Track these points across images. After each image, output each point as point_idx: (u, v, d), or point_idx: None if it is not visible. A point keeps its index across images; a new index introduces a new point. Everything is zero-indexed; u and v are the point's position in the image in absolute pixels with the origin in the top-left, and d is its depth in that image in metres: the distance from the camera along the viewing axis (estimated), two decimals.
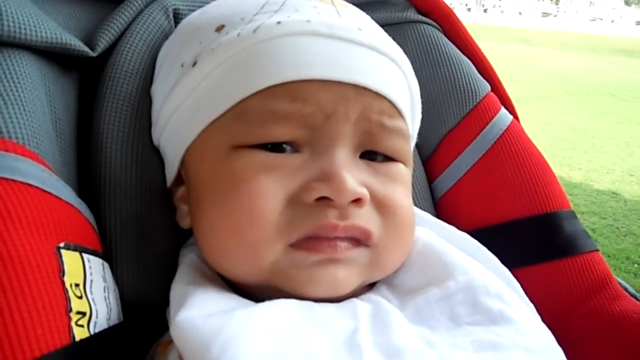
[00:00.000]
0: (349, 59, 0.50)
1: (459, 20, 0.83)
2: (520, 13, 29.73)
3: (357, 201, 0.48)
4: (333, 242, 0.48)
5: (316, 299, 0.48)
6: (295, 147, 0.50)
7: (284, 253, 0.48)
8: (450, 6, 0.84)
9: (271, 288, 0.47)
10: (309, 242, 0.48)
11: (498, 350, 0.46)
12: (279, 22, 0.49)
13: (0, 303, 0.37)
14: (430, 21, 0.82)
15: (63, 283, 0.41)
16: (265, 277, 0.48)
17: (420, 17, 0.82)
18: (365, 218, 0.50)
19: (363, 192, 0.48)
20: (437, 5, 0.83)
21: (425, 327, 0.48)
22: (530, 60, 16.20)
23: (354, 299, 0.50)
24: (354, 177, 0.48)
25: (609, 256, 3.35)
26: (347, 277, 0.49)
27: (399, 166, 0.54)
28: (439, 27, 0.83)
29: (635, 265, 3.09)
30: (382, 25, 0.75)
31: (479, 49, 0.82)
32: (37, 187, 0.44)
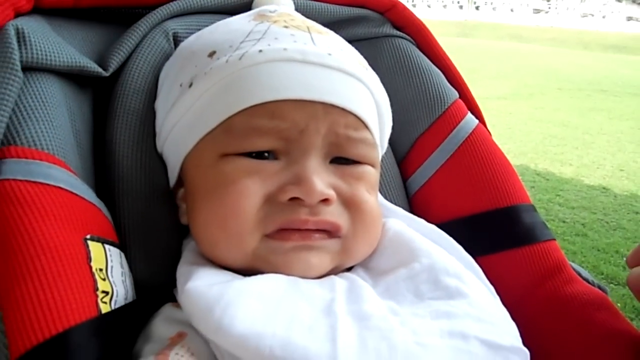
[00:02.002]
0: (320, 81, 0.58)
1: (430, 33, 0.90)
2: (512, 10, 29.76)
3: (325, 201, 0.57)
4: (305, 232, 0.57)
5: None
6: (274, 155, 0.58)
7: (261, 242, 0.56)
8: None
9: (255, 271, 0.56)
10: (282, 232, 0.56)
11: (451, 318, 0.54)
12: (260, 50, 0.58)
13: (42, 283, 0.46)
14: (404, 35, 0.89)
15: (90, 268, 0.50)
16: (249, 262, 0.57)
17: (395, 32, 0.89)
18: (335, 214, 0.58)
19: (330, 193, 0.57)
20: (411, 21, 0.89)
21: (392, 301, 0.57)
22: (522, 57, 16.13)
23: (333, 276, 0.59)
24: (323, 181, 0.57)
25: (598, 250, 3.39)
26: (319, 262, 0.58)
27: (366, 167, 0.63)
28: (412, 40, 0.89)
29: (624, 259, 3.13)
30: (360, 40, 0.84)
31: (449, 60, 0.89)
32: (66, 190, 0.53)
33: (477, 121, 0.84)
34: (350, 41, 0.78)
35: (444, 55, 0.89)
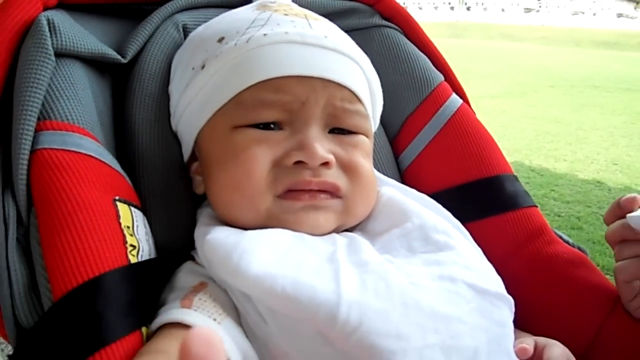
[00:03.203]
0: (317, 60, 0.65)
1: (416, 23, 0.97)
2: (503, 10, 29.88)
3: (326, 164, 0.64)
4: (312, 193, 0.64)
5: None
6: (279, 125, 0.65)
7: (273, 202, 0.63)
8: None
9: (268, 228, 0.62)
10: (292, 193, 0.63)
11: (440, 265, 0.61)
12: (265, 34, 0.65)
13: (79, 234, 0.54)
14: (392, 25, 0.96)
15: (120, 224, 0.58)
16: (262, 221, 0.63)
17: (384, 22, 0.96)
18: (334, 176, 0.65)
19: (329, 157, 0.64)
20: (398, 12, 0.96)
21: (388, 255, 0.63)
22: (514, 55, 16.15)
23: (334, 234, 0.66)
24: (323, 147, 0.64)
25: (594, 242, 3.41)
26: (326, 220, 0.65)
27: (360, 137, 0.70)
28: (400, 29, 0.96)
29: None
30: (352, 30, 0.91)
31: (434, 47, 0.96)
32: (96, 158, 0.61)
33: (461, 101, 0.91)
34: (343, 31, 0.86)
35: (429, 42, 0.96)
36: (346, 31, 0.86)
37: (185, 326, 0.53)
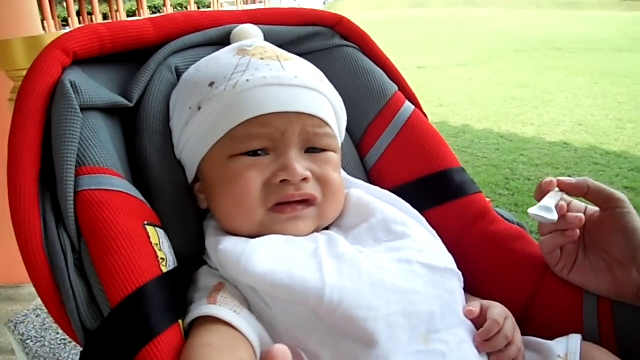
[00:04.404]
0: (290, 97, 0.79)
1: (372, 40, 1.10)
2: None
3: (305, 180, 0.79)
4: (294, 206, 0.79)
5: None
6: (266, 151, 0.79)
7: (265, 214, 0.78)
8: None
9: (260, 235, 0.77)
10: (279, 207, 0.78)
11: (399, 251, 0.77)
12: (247, 80, 0.78)
13: (124, 256, 0.68)
14: (350, 44, 1.08)
15: (151, 243, 0.72)
16: (257, 230, 0.78)
17: (343, 42, 1.08)
18: (311, 188, 0.80)
19: (307, 173, 0.79)
20: (355, 32, 1.09)
21: (359, 245, 0.79)
22: (478, 22, 15.95)
23: (316, 234, 0.81)
24: (301, 166, 0.78)
25: None
26: (305, 226, 0.80)
27: (330, 154, 0.84)
28: (358, 47, 1.09)
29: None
30: (316, 51, 1.04)
31: (388, 59, 1.10)
32: (125, 192, 0.75)
33: (413, 107, 1.05)
34: (308, 53, 1.00)
35: (383, 56, 1.10)
36: (311, 52, 1.02)
37: (214, 319, 0.67)
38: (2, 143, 0.75)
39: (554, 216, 0.79)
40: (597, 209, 0.81)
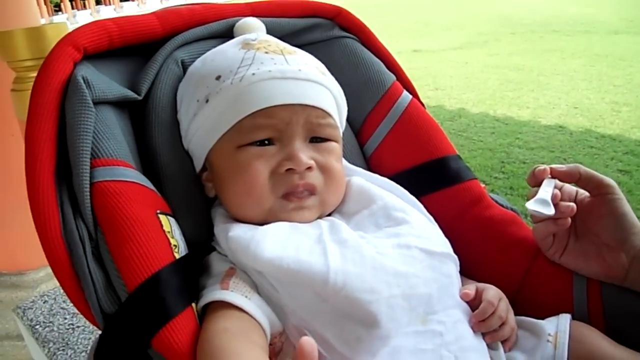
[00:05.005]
0: (295, 90, 0.82)
1: (371, 31, 1.12)
2: None
3: (309, 168, 0.82)
4: (300, 195, 0.82)
5: None
6: (271, 142, 0.82)
7: (275, 202, 0.81)
8: None
9: (267, 223, 0.80)
10: (288, 195, 0.82)
11: (399, 237, 0.80)
12: (253, 74, 0.81)
13: (139, 243, 0.71)
14: (350, 35, 1.10)
15: (164, 231, 0.75)
16: (265, 217, 0.81)
17: (343, 33, 1.10)
18: (314, 177, 0.83)
19: (311, 162, 0.82)
20: (354, 23, 1.11)
21: (360, 231, 0.82)
22: (474, 5, 15.93)
23: (319, 220, 0.84)
24: (305, 155, 0.81)
25: None
26: (310, 214, 0.84)
27: (332, 143, 0.87)
28: (357, 38, 1.11)
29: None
30: (317, 42, 1.07)
31: (387, 50, 1.12)
32: (137, 183, 0.78)
33: (411, 96, 1.08)
34: (308, 44, 1.03)
35: (382, 47, 1.13)
36: (312, 43, 1.05)
37: (227, 304, 0.70)
38: (6, 132, 0.77)
39: (551, 211, 0.81)
40: (586, 193, 0.84)
